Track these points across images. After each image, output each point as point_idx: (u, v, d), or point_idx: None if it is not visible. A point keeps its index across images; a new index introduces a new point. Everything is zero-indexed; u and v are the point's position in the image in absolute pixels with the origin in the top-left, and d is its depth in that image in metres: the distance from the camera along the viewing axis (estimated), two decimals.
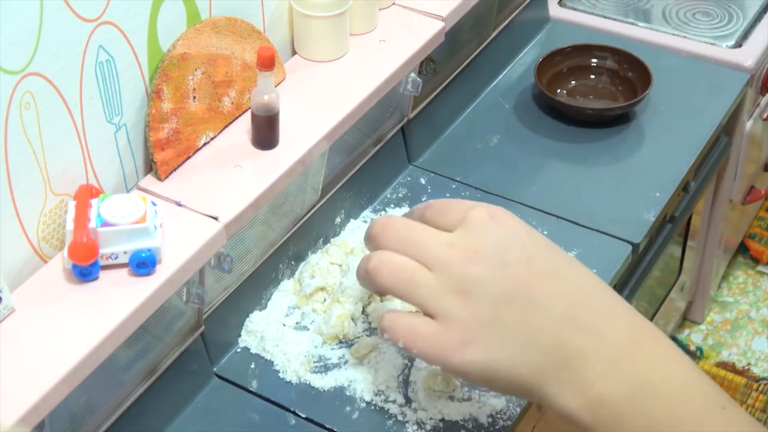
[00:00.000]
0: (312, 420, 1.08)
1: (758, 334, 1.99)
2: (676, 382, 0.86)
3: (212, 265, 1.06)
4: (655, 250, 1.49)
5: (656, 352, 0.87)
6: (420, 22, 1.29)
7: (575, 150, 1.43)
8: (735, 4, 1.72)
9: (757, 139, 1.77)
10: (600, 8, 1.70)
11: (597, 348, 0.86)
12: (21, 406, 0.86)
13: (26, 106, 0.93)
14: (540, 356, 0.87)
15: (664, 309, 1.75)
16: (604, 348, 0.86)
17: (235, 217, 1.04)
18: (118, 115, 1.04)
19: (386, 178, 1.36)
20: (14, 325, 0.93)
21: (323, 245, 1.26)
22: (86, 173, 1.02)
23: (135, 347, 1.01)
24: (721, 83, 1.55)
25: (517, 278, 0.88)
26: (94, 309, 0.94)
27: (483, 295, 0.88)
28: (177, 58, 1.07)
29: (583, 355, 0.86)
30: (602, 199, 1.35)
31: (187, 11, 1.08)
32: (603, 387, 0.85)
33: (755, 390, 1.89)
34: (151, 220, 0.98)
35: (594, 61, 1.55)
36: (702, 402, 0.85)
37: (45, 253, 1.00)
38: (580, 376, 0.86)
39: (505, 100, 1.51)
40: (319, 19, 1.20)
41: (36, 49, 0.92)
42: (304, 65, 1.23)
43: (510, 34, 1.54)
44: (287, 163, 1.11)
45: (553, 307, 0.88)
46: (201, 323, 1.10)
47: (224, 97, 1.13)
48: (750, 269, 2.11)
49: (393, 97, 1.29)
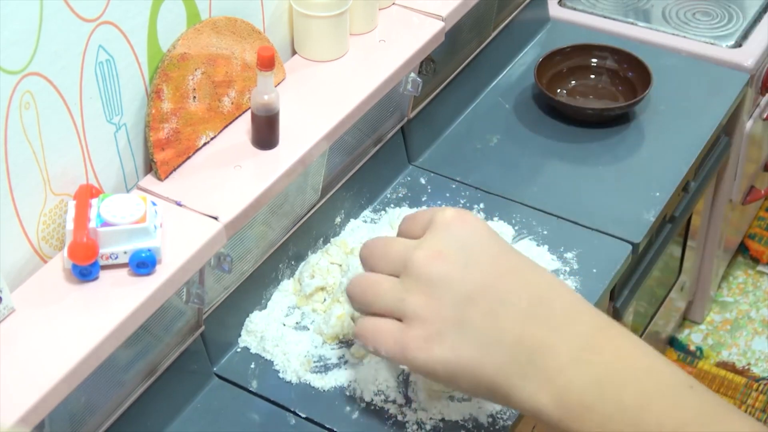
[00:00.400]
0: (312, 420, 1.08)
1: (758, 334, 1.99)
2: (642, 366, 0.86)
3: (212, 265, 1.06)
4: (655, 250, 1.49)
5: (620, 341, 0.88)
6: (420, 22, 1.29)
7: (575, 150, 1.43)
8: (735, 4, 1.72)
9: (757, 139, 1.77)
10: (600, 8, 1.70)
11: (561, 341, 0.87)
12: (21, 406, 0.86)
13: (26, 106, 0.93)
14: (505, 353, 0.88)
15: (664, 309, 1.75)
16: (567, 340, 0.87)
17: (235, 217, 1.04)
18: (118, 115, 1.04)
19: (386, 178, 1.36)
20: (14, 325, 0.93)
21: (323, 245, 1.26)
22: (86, 173, 1.02)
23: (135, 347, 1.01)
24: (721, 83, 1.55)
25: (481, 276, 0.90)
26: (94, 309, 0.94)
27: (447, 294, 0.89)
28: (177, 58, 1.07)
29: (547, 349, 0.87)
30: (602, 199, 1.35)
31: (187, 11, 1.08)
32: (569, 377, 0.85)
33: (755, 390, 1.89)
34: (151, 220, 0.98)
35: (594, 61, 1.55)
36: (670, 383, 0.85)
37: (45, 253, 1.00)
38: (545, 368, 0.86)
39: (505, 100, 1.51)
40: (319, 19, 1.20)
41: (36, 49, 0.92)
42: (304, 65, 1.23)
43: (510, 34, 1.54)
44: (287, 163, 1.11)
45: (517, 303, 0.89)
46: (201, 323, 1.10)
47: (224, 97, 1.13)
48: (750, 269, 2.11)
49: (393, 97, 1.29)
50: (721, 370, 1.93)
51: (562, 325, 0.88)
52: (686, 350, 1.95)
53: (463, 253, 0.91)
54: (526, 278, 0.91)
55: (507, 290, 0.89)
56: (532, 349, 0.87)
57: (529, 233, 1.29)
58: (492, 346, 0.88)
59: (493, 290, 0.89)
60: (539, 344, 0.87)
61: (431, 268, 0.90)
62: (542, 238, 1.28)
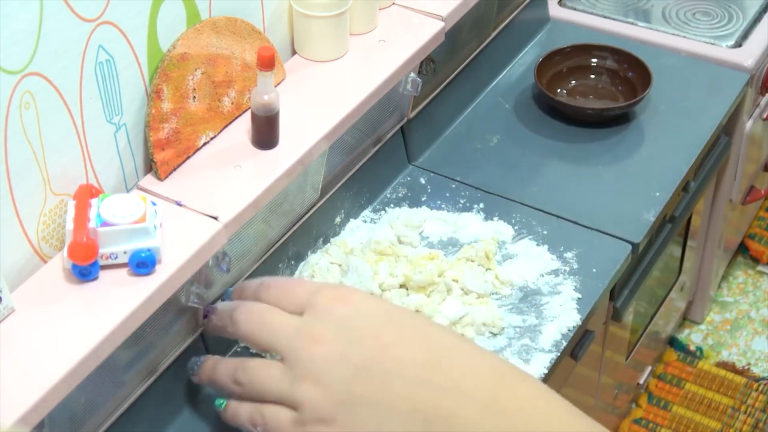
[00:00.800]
0: None
1: (758, 334, 1.99)
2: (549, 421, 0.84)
3: (211, 265, 1.06)
4: (655, 250, 1.49)
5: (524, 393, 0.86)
6: (420, 22, 1.29)
7: (575, 150, 1.43)
8: (735, 4, 1.72)
9: (757, 139, 1.77)
10: (600, 8, 1.70)
11: (460, 404, 0.84)
12: (21, 406, 0.86)
13: (26, 106, 0.93)
14: (404, 423, 0.85)
15: (664, 309, 1.75)
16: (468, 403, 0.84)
17: (234, 217, 1.04)
18: (118, 115, 1.04)
19: (386, 177, 1.36)
20: (14, 325, 0.93)
21: (323, 245, 1.26)
22: (86, 173, 1.02)
23: (135, 347, 1.01)
24: (721, 83, 1.55)
25: (364, 353, 0.88)
26: (94, 309, 0.94)
27: (332, 376, 0.87)
28: (177, 58, 1.07)
29: (446, 414, 0.84)
30: (602, 199, 1.35)
31: (187, 11, 1.08)
32: None
33: (755, 390, 1.89)
34: (150, 220, 0.98)
35: (594, 61, 1.55)
36: None
37: (45, 253, 1.00)
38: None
39: (505, 100, 1.51)
40: (319, 19, 1.20)
41: (36, 49, 0.92)
42: (304, 65, 1.23)
43: (510, 34, 1.54)
44: (287, 163, 1.11)
45: (405, 373, 0.86)
46: (201, 323, 1.10)
47: (224, 97, 1.13)
48: (750, 269, 2.11)
49: (393, 97, 1.29)
50: (721, 370, 1.93)
51: (458, 390, 0.85)
52: (686, 350, 1.95)
53: (345, 333, 0.89)
54: (417, 345, 0.88)
55: (394, 360, 0.87)
56: (429, 415, 0.85)
57: (529, 233, 1.29)
58: (387, 418, 0.86)
59: (378, 363, 0.87)
60: (436, 408, 0.85)
61: (314, 354, 0.89)
62: (542, 237, 1.28)
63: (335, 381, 0.87)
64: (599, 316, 1.36)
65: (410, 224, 1.28)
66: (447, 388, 0.85)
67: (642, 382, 1.79)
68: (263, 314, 0.95)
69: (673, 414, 1.86)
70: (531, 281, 1.23)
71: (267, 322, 0.94)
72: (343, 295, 0.92)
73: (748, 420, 1.84)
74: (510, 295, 1.21)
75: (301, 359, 0.89)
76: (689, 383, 1.90)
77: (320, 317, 0.91)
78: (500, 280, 1.22)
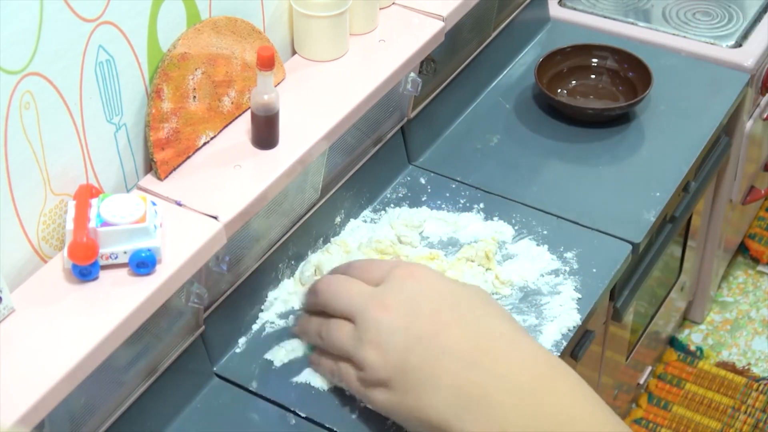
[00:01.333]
0: (312, 420, 1.08)
1: (758, 334, 1.99)
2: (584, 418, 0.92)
3: (210, 265, 1.06)
4: (655, 250, 1.49)
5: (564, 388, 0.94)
6: (420, 22, 1.29)
7: (575, 150, 1.43)
8: (735, 4, 1.72)
9: (757, 139, 1.77)
10: (600, 8, 1.70)
11: (500, 389, 0.93)
12: (21, 406, 0.87)
13: (26, 106, 0.93)
14: (446, 397, 0.95)
15: (664, 309, 1.75)
16: (507, 389, 0.93)
17: (234, 217, 1.04)
18: (118, 114, 1.04)
19: (386, 177, 1.36)
20: (14, 325, 0.93)
21: (323, 245, 1.26)
22: (86, 173, 1.02)
23: (135, 347, 1.01)
24: (721, 83, 1.55)
25: (424, 328, 0.99)
26: (94, 309, 0.94)
27: (393, 343, 0.99)
28: (177, 58, 1.07)
29: (487, 396, 0.93)
30: (602, 199, 1.35)
31: (187, 11, 1.08)
32: (511, 424, 0.91)
33: (755, 390, 1.89)
34: (151, 220, 0.98)
35: (594, 61, 1.55)
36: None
37: (45, 253, 1.00)
38: (487, 414, 0.92)
39: (505, 100, 1.51)
40: (319, 19, 1.20)
41: (36, 49, 0.92)
42: (304, 65, 1.23)
43: (510, 34, 1.54)
44: (287, 163, 1.11)
45: (457, 352, 0.96)
46: (201, 323, 1.10)
47: (224, 97, 1.13)
48: (750, 269, 2.11)
49: (393, 97, 1.29)
50: (721, 370, 1.93)
51: (500, 376, 0.94)
52: (686, 350, 1.95)
53: (409, 305, 1.00)
54: (472, 328, 0.99)
55: (448, 341, 0.97)
56: (470, 396, 0.94)
57: (529, 233, 1.29)
58: (433, 390, 0.96)
59: (435, 340, 0.97)
60: (478, 391, 0.94)
61: (381, 320, 1.00)
62: (542, 237, 1.28)
63: (394, 348, 0.98)
64: (599, 316, 1.36)
65: (410, 224, 1.28)
66: (491, 373, 0.95)
67: (642, 382, 1.79)
68: (341, 282, 1.07)
69: (673, 414, 1.86)
70: (531, 281, 1.23)
71: (344, 288, 1.05)
72: (415, 273, 1.03)
73: (748, 420, 1.84)
74: (510, 295, 1.21)
75: (368, 321, 1.00)
76: (689, 383, 1.90)
77: (392, 290, 1.02)
78: (500, 280, 1.22)
